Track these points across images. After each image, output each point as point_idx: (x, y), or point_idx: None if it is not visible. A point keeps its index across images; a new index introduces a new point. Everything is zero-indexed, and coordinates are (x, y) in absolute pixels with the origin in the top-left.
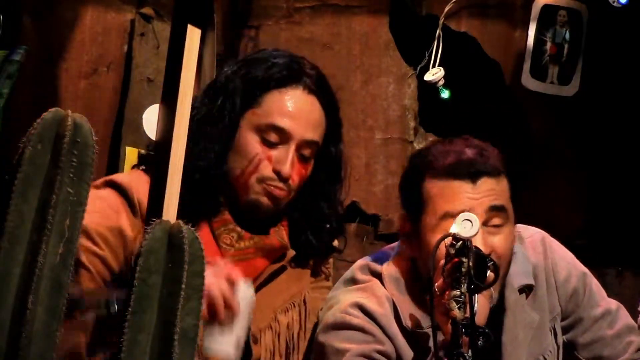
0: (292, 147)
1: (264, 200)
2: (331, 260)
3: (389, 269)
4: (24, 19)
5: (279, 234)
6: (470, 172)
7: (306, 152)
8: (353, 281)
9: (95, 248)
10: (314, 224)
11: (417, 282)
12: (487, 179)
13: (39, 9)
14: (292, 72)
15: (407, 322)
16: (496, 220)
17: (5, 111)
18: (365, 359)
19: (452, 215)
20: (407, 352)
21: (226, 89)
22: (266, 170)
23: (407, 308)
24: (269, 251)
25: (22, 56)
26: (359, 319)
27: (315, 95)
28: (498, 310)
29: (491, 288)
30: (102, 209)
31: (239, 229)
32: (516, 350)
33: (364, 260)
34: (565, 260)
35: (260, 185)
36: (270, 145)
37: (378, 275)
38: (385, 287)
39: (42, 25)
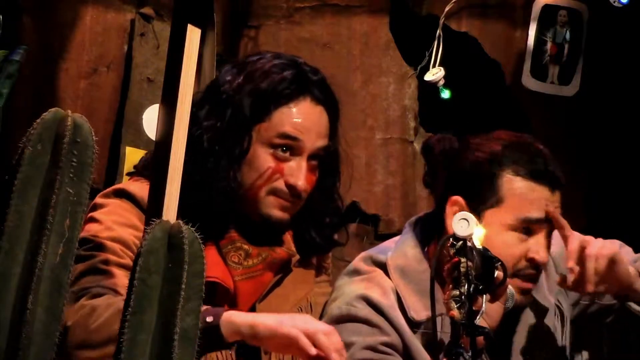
0: (303, 159)
1: (276, 213)
2: (330, 254)
3: (394, 258)
4: (24, 19)
5: (286, 241)
6: (552, 181)
7: (315, 160)
8: (356, 272)
9: None
10: (315, 220)
11: (426, 271)
12: (559, 191)
13: (39, 9)
14: (300, 84)
15: (412, 314)
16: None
17: (5, 111)
18: (371, 351)
19: (531, 222)
20: (415, 342)
21: (233, 105)
22: (278, 182)
23: (412, 299)
24: (276, 264)
25: (22, 56)
26: (365, 311)
27: (322, 104)
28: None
29: (509, 289)
30: (130, 220)
31: (246, 246)
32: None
33: (366, 252)
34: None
35: (272, 197)
36: (282, 159)
37: (382, 266)
38: (390, 278)
39: (42, 25)
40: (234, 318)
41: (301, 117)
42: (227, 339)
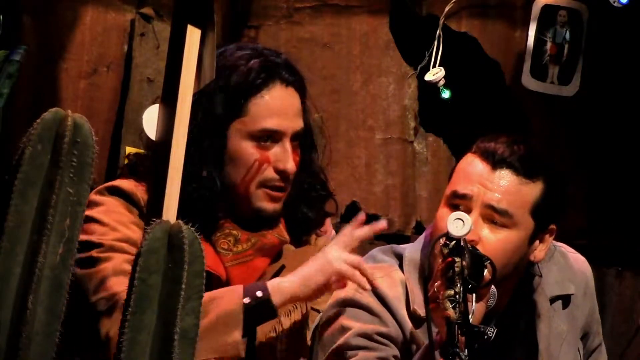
0: (287, 142)
1: (268, 205)
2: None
3: (411, 251)
4: (24, 19)
5: (278, 227)
6: (495, 158)
7: (296, 140)
8: (371, 259)
9: None
10: (304, 197)
11: None
12: (511, 174)
13: (39, 9)
14: (268, 71)
15: (414, 307)
16: (495, 219)
17: (5, 111)
18: (365, 339)
19: (457, 196)
20: (416, 336)
21: (204, 104)
22: (268, 172)
23: (419, 294)
24: (268, 250)
25: (22, 56)
26: (368, 299)
27: (291, 85)
28: (532, 318)
29: (492, 288)
30: (131, 219)
31: (235, 232)
32: (551, 359)
33: (390, 245)
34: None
35: (262, 189)
36: (265, 147)
37: (400, 257)
38: (403, 271)
39: (42, 25)
40: (282, 286)
41: (277, 105)
42: (278, 309)
